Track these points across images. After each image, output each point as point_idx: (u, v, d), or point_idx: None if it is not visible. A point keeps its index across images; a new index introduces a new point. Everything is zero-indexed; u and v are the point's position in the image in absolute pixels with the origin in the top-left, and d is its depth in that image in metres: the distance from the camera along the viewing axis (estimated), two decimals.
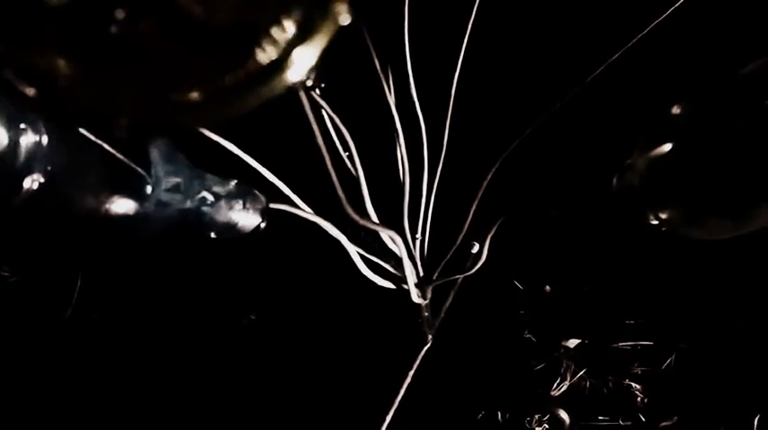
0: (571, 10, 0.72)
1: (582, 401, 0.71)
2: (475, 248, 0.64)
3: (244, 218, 0.42)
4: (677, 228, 0.40)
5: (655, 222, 0.41)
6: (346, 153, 0.58)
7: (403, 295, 0.62)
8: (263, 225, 0.44)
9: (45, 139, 0.26)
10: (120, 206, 0.31)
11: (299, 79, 0.24)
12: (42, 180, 0.26)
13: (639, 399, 0.70)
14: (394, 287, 0.62)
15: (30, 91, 0.19)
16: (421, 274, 0.65)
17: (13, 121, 0.24)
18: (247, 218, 0.43)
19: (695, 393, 0.70)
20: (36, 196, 0.26)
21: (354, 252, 0.56)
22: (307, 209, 0.52)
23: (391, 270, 0.62)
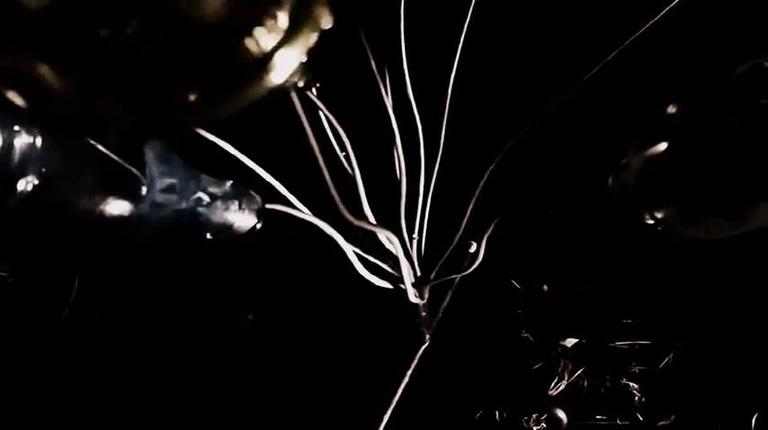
0: (566, 10, 0.72)
1: (579, 400, 0.71)
2: (472, 248, 0.64)
3: (240, 218, 0.42)
4: (673, 228, 0.40)
5: (650, 222, 0.41)
6: (343, 153, 0.58)
7: (400, 295, 0.62)
8: (259, 225, 0.44)
9: (39, 141, 0.26)
10: (114, 207, 0.30)
11: (292, 80, 0.24)
12: (36, 182, 0.26)
13: (637, 399, 0.70)
14: (391, 287, 0.62)
15: (14, 97, 0.19)
16: (418, 274, 0.65)
17: (7, 124, 0.24)
18: (243, 218, 0.43)
19: (693, 392, 0.70)
20: (30, 198, 0.26)
21: (351, 252, 0.56)
22: (304, 209, 0.52)
23: (388, 270, 0.62)
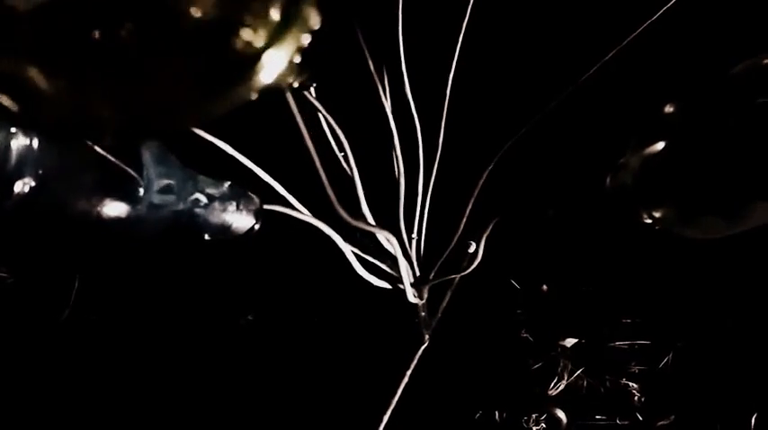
0: (564, 10, 0.72)
1: (579, 400, 0.71)
2: (471, 248, 0.64)
3: (238, 219, 0.42)
4: (671, 227, 0.40)
5: (648, 221, 0.41)
6: (341, 154, 0.58)
7: (400, 295, 0.62)
8: (258, 226, 0.44)
9: (36, 143, 0.26)
10: (112, 209, 0.31)
11: (286, 81, 0.24)
12: (33, 183, 0.26)
13: (636, 398, 0.70)
14: (390, 287, 0.62)
15: (5, 101, 0.19)
16: (417, 274, 0.65)
17: (3, 126, 0.25)
18: (241, 219, 0.43)
19: (692, 392, 0.70)
20: (27, 200, 0.26)
21: (350, 252, 0.56)
22: (303, 210, 0.52)
23: (387, 270, 0.62)
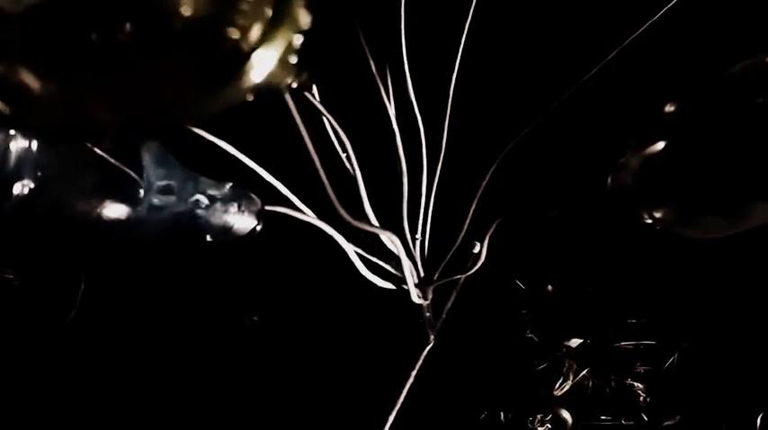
0: (566, 11, 0.72)
1: (584, 401, 0.70)
2: (476, 248, 0.64)
3: (239, 220, 0.42)
4: (671, 227, 0.40)
5: (649, 221, 0.40)
6: (344, 154, 0.58)
7: (405, 296, 0.62)
8: (259, 227, 0.44)
9: (35, 145, 0.26)
10: (112, 210, 0.31)
11: (284, 81, 0.24)
12: (32, 185, 0.26)
13: (642, 399, 0.70)
14: (394, 288, 0.62)
15: None
16: (421, 275, 0.65)
17: (2, 128, 0.25)
18: (243, 220, 0.43)
19: (698, 392, 0.69)
20: (27, 201, 0.26)
21: (353, 252, 0.56)
22: (306, 211, 0.52)
23: (392, 270, 0.61)
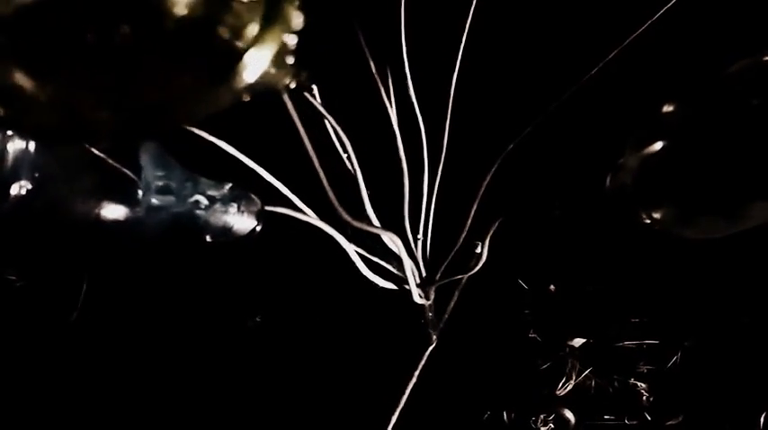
0: (565, 11, 0.72)
1: (587, 401, 0.70)
2: (478, 248, 0.64)
3: (239, 221, 0.42)
4: (670, 228, 0.39)
5: (648, 221, 0.40)
6: (345, 154, 0.58)
7: (407, 296, 0.62)
8: (259, 228, 0.44)
9: (32, 146, 0.26)
10: (110, 211, 0.31)
11: (282, 82, 0.24)
12: (30, 186, 0.26)
13: (645, 398, 0.70)
14: (396, 288, 0.62)
15: None
16: (423, 275, 0.65)
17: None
18: (243, 221, 0.43)
19: (701, 392, 0.69)
20: (24, 203, 0.26)
21: (354, 253, 0.56)
22: (307, 211, 0.52)
23: (393, 270, 0.61)
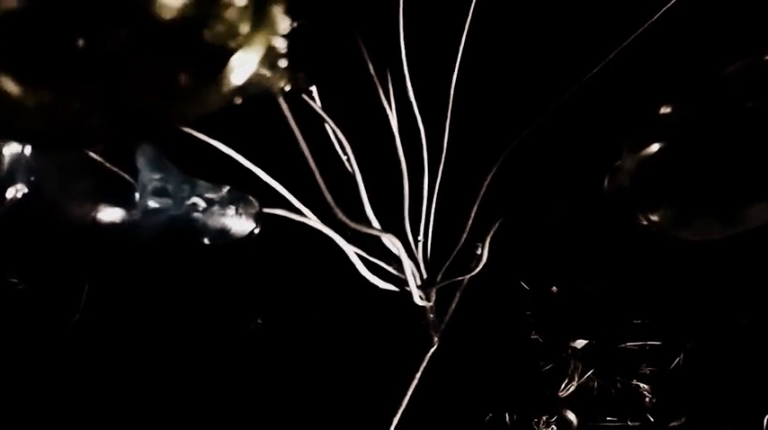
0: (565, 12, 0.72)
1: (590, 402, 0.70)
2: (479, 250, 0.64)
3: (237, 223, 0.42)
4: (667, 229, 0.39)
5: (645, 223, 0.40)
6: (345, 156, 0.58)
7: (408, 298, 0.62)
8: (257, 230, 0.44)
9: (28, 149, 0.26)
10: (107, 214, 0.31)
11: (276, 84, 0.24)
12: (26, 190, 0.26)
13: (648, 400, 0.69)
14: (397, 290, 0.62)
15: None
16: (424, 276, 0.65)
17: None
18: (241, 223, 0.43)
19: (704, 393, 0.69)
20: (20, 206, 0.26)
21: (354, 255, 0.56)
22: (308, 213, 0.52)
23: (394, 272, 0.61)
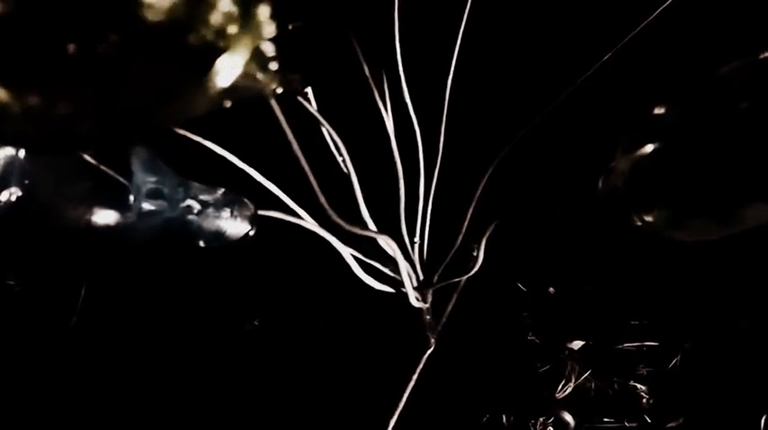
0: (561, 13, 0.72)
1: (587, 403, 0.70)
2: (476, 251, 0.64)
3: (232, 226, 0.42)
4: (662, 231, 0.39)
5: (639, 224, 0.40)
6: (341, 158, 0.58)
7: (405, 299, 0.62)
8: (252, 232, 0.44)
9: (22, 153, 0.26)
10: (102, 216, 0.31)
11: (267, 87, 0.24)
12: (20, 193, 0.26)
13: (645, 400, 0.69)
14: (394, 291, 0.62)
15: None
16: (421, 278, 0.65)
17: None
18: (236, 226, 0.43)
19: (701, 394, 0.69)
20: (14, 209, 0.26)
21: (350, 256, 0.56)
22: (304, 214, 0.52)
23: (391, 274, 0.61)
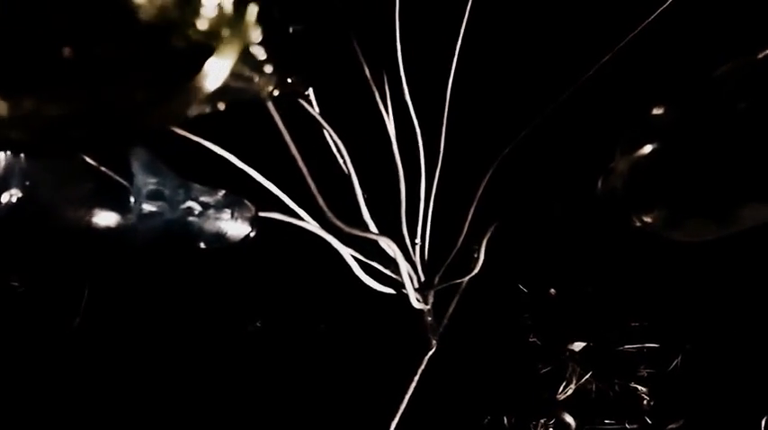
0: (560, 14, 0.72)
1: (588, 405, 0.70)
2: (477, 252, 0.64)
3: (233, 227, 0.42)
4: (661, 231, 0.39)
5: (639, 225, 0.40)
6: (342, 159, 0.58)
7: (406, 300, 0.62)
8: (253, 234, 0.44)
9: (22, 155, 0.26)
10: (102, 218, 0.31)
11: (263, 89, 0.25)
12: (21, 195, 0.26)
13: (646, 402, 0.69)
14: (395, 292, 0.62)
15: None
16: (422, 279, 0.65)
17: None
18: (236, 227, 0.43)
19: (702, 395, 0.69)
20: (15, 211, 0.26)
21: (350, 258, 0.56)
22: (305, 216, 0.52)
23: (392, 275, 0.62)
